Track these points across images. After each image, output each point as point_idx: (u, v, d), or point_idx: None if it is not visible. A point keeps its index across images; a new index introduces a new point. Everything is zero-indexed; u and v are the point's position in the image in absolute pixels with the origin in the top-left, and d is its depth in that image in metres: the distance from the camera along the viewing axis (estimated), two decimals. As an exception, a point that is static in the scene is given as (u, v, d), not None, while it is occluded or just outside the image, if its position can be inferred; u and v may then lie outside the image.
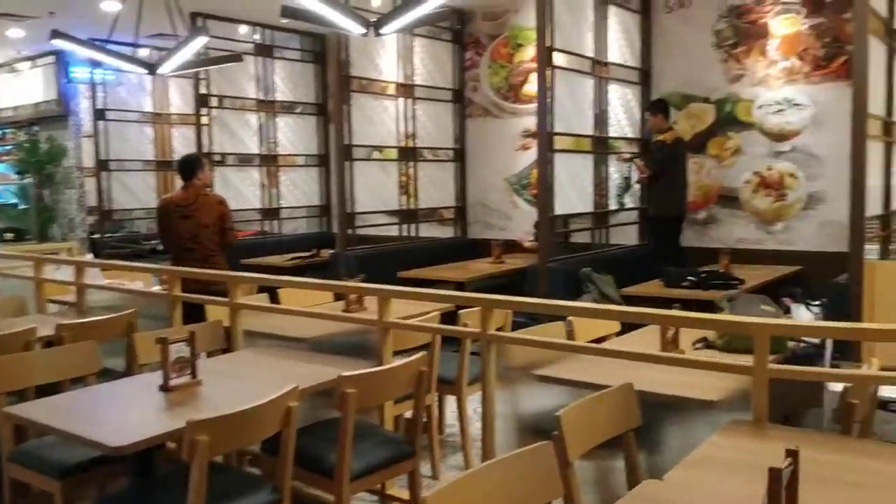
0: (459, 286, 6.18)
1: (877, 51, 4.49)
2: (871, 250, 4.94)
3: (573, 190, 5.88)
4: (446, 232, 7.97)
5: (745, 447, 2.10)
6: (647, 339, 3.43)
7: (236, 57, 7.06)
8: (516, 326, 3.78)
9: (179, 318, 4.10)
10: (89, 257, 6.17)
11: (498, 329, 4.04)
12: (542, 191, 5.54)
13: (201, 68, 7.04)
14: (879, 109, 4.67)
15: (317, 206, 9.11)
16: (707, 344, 3.28)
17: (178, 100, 9.64)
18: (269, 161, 8.61)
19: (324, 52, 8.98)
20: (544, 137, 5.48)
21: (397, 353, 3.43)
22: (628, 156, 6.33)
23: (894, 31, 4.98)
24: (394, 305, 3.66)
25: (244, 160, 8.44)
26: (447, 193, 7.88)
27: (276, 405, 2.43)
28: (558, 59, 5.55)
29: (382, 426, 3.33)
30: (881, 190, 4.92)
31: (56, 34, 5.02)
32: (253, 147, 8.44)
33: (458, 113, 7.87)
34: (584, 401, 2.24)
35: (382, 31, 4.04)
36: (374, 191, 7.13)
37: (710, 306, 4.73)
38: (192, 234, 4.99)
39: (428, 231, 7.80)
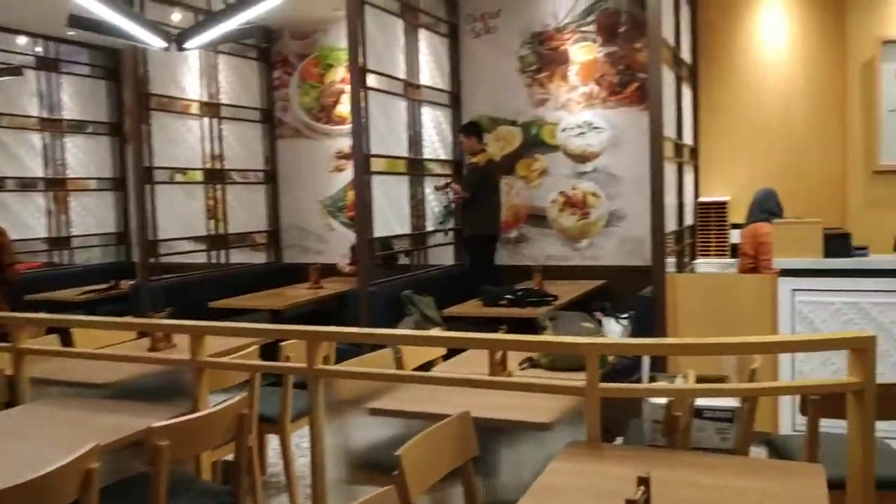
0: (276, 315, 5.91)
1: (667, 78, 4.83)
2: (669, 264, 5.29)
3: (391, 212, 5.82)
4: (259, 258, 7.63)
5: (588, 471, 2.10)
6: (475, 361, 3.41)
7: (15, 70, 6.34)
8: (341, 354, 3.63)
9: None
10: None
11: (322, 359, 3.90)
12: (360, 213, 5.42)
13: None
14: (671, 132, 5.02)
15: (113, 234, 8.40)
16: (533, 363, 3.31)
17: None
18: (57, 185, 7.82)
19: (118, 67, 8.34)
20: (360, 159, 5.38)
21: (215, 392, 3.16)
22: (443, 184, 6.39)
23: (681, 59, 5.40)
24: (208, 339, 3.38)
25: (26, 184, 7.61)
26: (259, 217, 7.56)
27: (71, 469, 2.11)
28: (371, 80, 5.48)
29: (200, 476, 3.04)
30: (675, 207, 5.29)
31: None
32: (37, 170, 7.64)
33: (267, 133, 7.59)
34: (422, 436, 2.14)
35: (186, 46, 3.76)
36: (179, 216, 6.66)
37: (529, 323, 4.86)
38: None
39: (239, 257, 7.42)
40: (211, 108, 6.96)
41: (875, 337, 2.21)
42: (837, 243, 4.10)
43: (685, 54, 5.63)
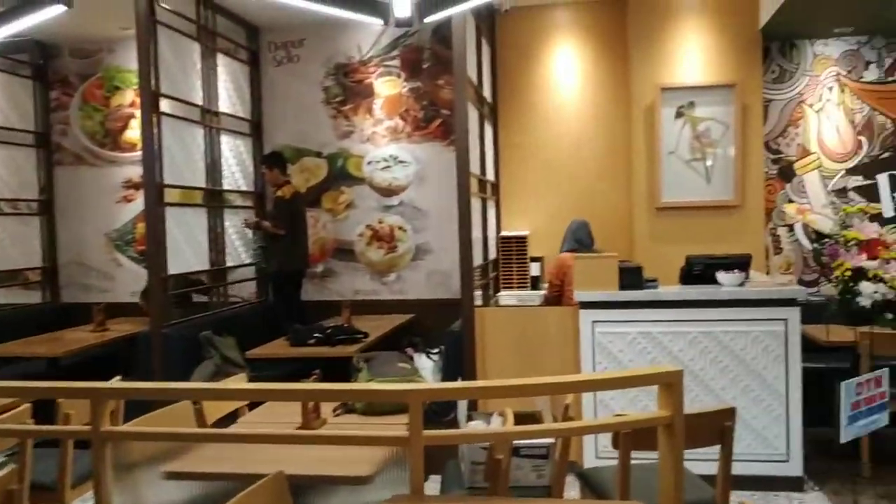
0: (53, 363, 5.29)
1: (472, 115, 4.92)
2: (476, 297, 5.37)
3: (188, 246, 5.43)
4: (32, 297, 6.81)
5: (414, 529, 1.98)
6: (286, 409, 3.20)
7: None
8: (131, 404, 3.26)
9: None
10: None
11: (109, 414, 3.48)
12: (152, 248, 5.00)
13: None
14: (476, 168, 5.11)
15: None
16: (348, 408, 3.16)
17: None
18: None
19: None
20: (152, 189, 4.97)
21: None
22: (254, 222, 6.07)
23: (483, 97, 5.55)
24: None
25: None
26: (32, 252, 6.75)
27: None
28: (165, 105, 5.11)
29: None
30: (481, 241, 5.39)
31: None
32: None
33: (43, 159, 6.84)
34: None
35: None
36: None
37: (340, 363, 4.70)
38: None
39: (8, 297, 6.58)
40: (-28, 130, 6.16)
41: (682, 371, 2.29)
42: (631, 276, 4.34)
43: (487, 93, 5.80)
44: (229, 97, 6.11)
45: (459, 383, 2.31)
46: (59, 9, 3.20)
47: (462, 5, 2.92)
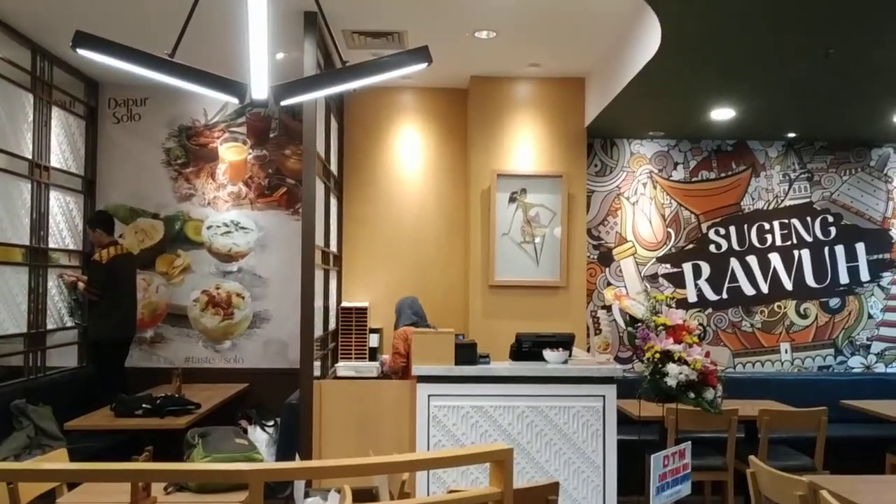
0: None
1: (319, 188, 5.02)
2: (315, 367, 5.38)
3: (3, 307, 5.06)
4: None
5: None
6: (111, 487, 3.06)
7: None
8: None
9: None
10: None
11: None
12: (-37, 310, 4.63)
13: None
14: (320, 240, 5.19)
15: None
16: (180, 486, 3.07)
17: None
18: None
19: None
20: (-31, 247, 4.63)
21: None
22: (72, 279, 5.71)
23: (330, 171, 5.67)
24: None
25: None
26: None
27: None
28: (-10, 157, 4.83)
29: None
30: (322, 312, 5.43)
31: None
32: None
33: None
34: None
35: None
36: None
37: (169, 435, 4.53)
38: None
39: None
40: None
41: (511, 449, 2.45)
42: (466, 352, 4.54)
43: (333, 167, 5.93)
44: (62, 152, 5.84)
45: (299, 463, 2.34)
46: None
47: (316, 93, 3.05)
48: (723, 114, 5.63)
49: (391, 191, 6.45)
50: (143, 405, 4.70)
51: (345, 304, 6.18)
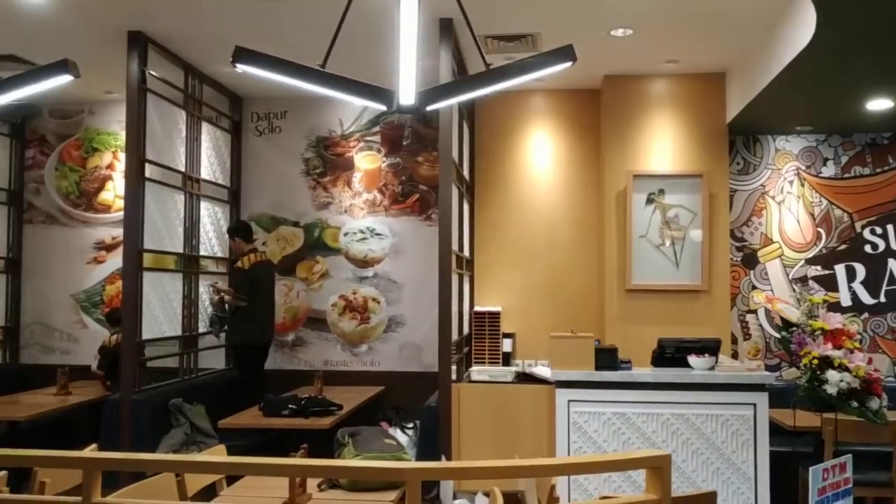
0: (14, 426, 5.14)
1: (453, 193, 5.05)
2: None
3: (161, 311, 5.39)
4: (-9, 357, 6.65)
5: None
6: (266, 483, 3.18)
7: None
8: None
9: None
10: None
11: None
12: (128, 313, 4.97)
13: None
14: (455, 244, 5.23)
15: None
16: (333, 483, 3.15)
17: None
18: None
19: None
20: (133, 254, 4.97)
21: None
22: (219, 296, 5.99)
23: (463, 177, 5.71)
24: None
25: None
26: (-5, 310, 6.62)
27: None
28: (148, 170, 5.16)
29: None
30: (456, 316, 5.46)
31: None
32: None
33: (14, 217, 6.77)
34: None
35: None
36: None
37: (313, 435, 4.67)
38: None
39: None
40: (-55, 185, 6.10)
41: (670, 456, 2.37)
42: (606, 357, 4.45)
43: (465, 172, 5.97)
44: (210, 164, 6.18)
45: (456, 463, 2.34)
46: (65, 78, 3.26)
47: (462, 96, 3.07)
48: (879, 104, 5.25)
49: (522, 194, 6.42)
50: (290, 405, 4.87)
51: (477, 308, 6.19)
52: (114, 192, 6.79)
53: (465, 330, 6.01)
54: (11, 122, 6.74)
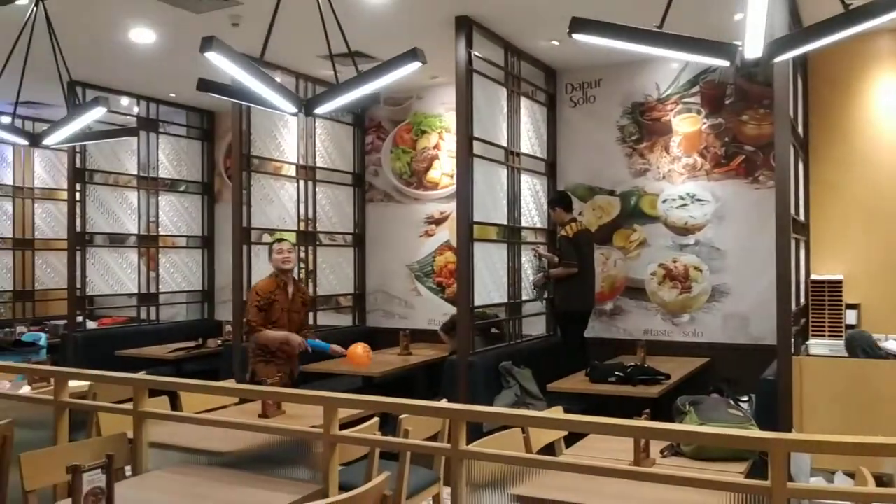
0: (368, 381, 5.81)
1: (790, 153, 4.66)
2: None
3: (490, 279, 5.72)
4: (343, 320, 7.57)
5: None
6: (605, 447, 3.23)
7: (132, 131, 6.53)
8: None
9: (65, 430, 3.51)
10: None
11: (434, 437, 3.76)
12: (462, 281, 5.34)
13: (89, 142, 6.43)
14: (791, 207, 4.83)
15: (198, 292, 8.48)
16: (675, 451, 3.12)
17: (43, 172, 8.85)
18: (149, 242, 7.96)
19: (211, 128, 8.56)
20: (465, 226, 5.32)
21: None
22: (540, 253, 6.31)
23: (798, 134, 5.25)
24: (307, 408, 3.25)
25: (121, 241, 7.77)
26: (345, 280, 7.53)
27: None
28: (477, 147, 5.46)
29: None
30: (793, 286, 5.06)
31: (-78, 97, 4.39)
32: (131, 226, 7.79)
33: (357, 197, 7.62)
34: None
35: (316, 111, 3.77)
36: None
37: (636, 402, 4.65)
38: None
39: (324, 319, 7.37)
40: (307, 171, 7.02)
41: None
42: None
43: (800, 129, 5.48)
44: (528, 138, 6.38)
45: (828, 436, 2.18)
46: (414, 66, 3.56)
47: (813, 44, 2.80)
48: None
49: (866, 151, 5.73)
50: (616, 373, 4.90)
51: (815, 276, 5.68)
52: (440, 170, 7.33)
53: (801, 300, 5.56)
54: (354, 112, 7.56)
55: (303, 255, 6.98)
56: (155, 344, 7.13)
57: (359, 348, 5.09)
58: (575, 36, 3.01)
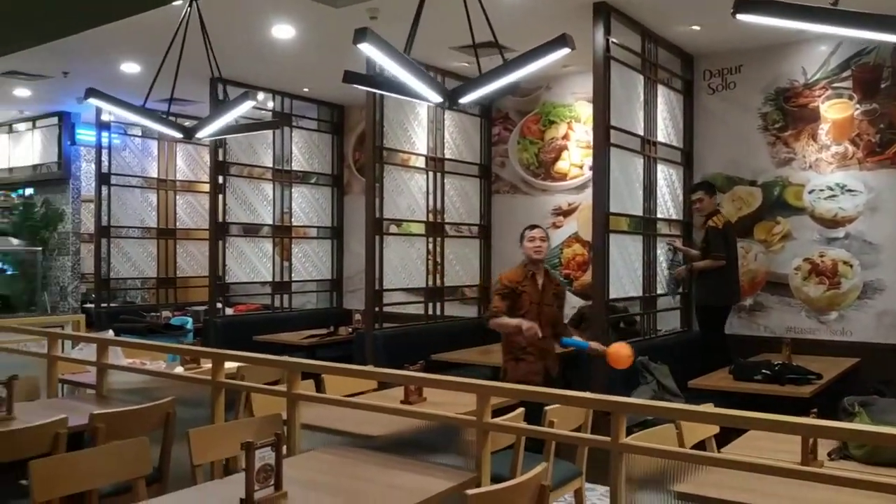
0: (496, 372, 5.80)
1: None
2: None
3: (624, 271, 5.59)
4: (468, 311, 7.60)
5: None
6: (763, 446, 3.08)
7: (274, 124, 6.80)
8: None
9: (222, 408, 3.67)
10: (109, 333, 5.67)
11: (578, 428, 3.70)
12: (597, 273, 5.24)
13: (235, 135, 6.72)
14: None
15: (328, 281, 8.73)
16: (843, 454, 2.94)
17: (184, 166, 9.33)
18: (283, 232, 8.26)
19: (342, 122, 8.77)
20: (600, 218, 5.22)
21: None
22: (677, 247, 6.11)
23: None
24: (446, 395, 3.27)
25: (256, 231, 8.11)
26: (471, 271, 7.55)
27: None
28: (614, 136, 5.34)
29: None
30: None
31: (91, 92, 4.69)
32: (266, 217, 8.10)
33: (484, 188, 7.63)
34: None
35: (461, 101, 3.78)
36: (400, 267, 6.76)
37: (787, 402, 4.43)
38: None
39: (450, 310, 7.42)
40: (435, 163, 7.08)
41: None
42: None
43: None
44: (665, 127, 6.19)
45: None
46: (563, 52, 3.51)
47: None
48: None
49: None
50: (763, 371, 4.68)
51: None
52: (569, 160, 7.22)
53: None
54: (482, 103, 7.56)
55: (430, 245, 7.06)
56: (288, 330, 7.38)
57: (625, 349, 4.40)
58: (739, 16, 2.88)
